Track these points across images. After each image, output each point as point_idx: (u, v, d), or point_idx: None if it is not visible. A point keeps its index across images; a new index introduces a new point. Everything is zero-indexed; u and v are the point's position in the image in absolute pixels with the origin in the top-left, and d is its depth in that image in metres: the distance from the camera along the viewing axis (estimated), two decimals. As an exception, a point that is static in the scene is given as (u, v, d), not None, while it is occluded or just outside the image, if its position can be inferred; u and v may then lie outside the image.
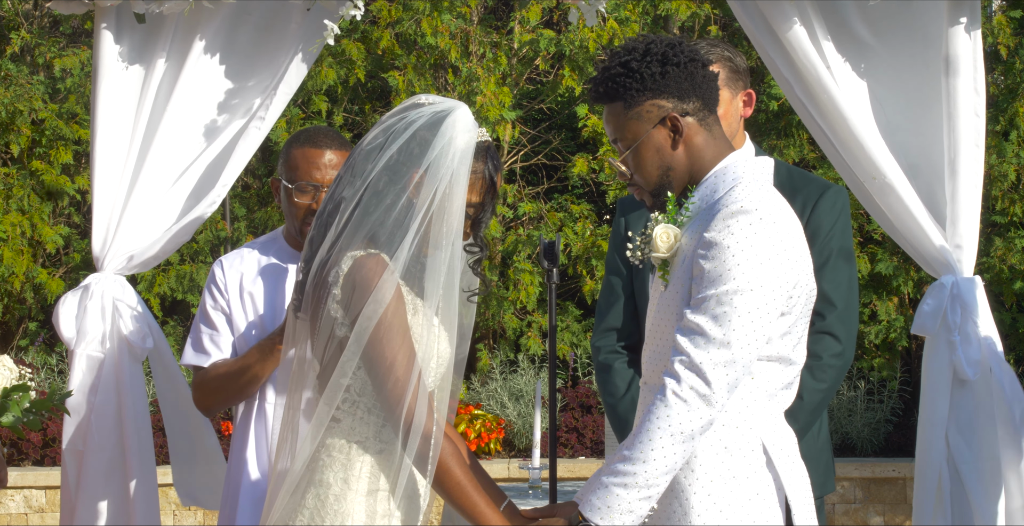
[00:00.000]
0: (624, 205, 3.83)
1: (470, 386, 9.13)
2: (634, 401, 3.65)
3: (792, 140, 9.14)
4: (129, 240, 4.28)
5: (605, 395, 3.73)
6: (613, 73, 2.88)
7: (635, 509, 2.70)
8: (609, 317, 3.76)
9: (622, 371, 3.72)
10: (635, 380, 3.71)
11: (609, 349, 3.74)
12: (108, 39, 4.28)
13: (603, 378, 3.73)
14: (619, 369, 3.72)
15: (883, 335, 8.71)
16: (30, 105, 8.98)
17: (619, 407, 3.68)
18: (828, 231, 3.59)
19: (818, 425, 3.67)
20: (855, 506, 7.88)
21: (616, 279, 3.78)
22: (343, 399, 2.78)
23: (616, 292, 3.77)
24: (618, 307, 3.76)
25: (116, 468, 4.24)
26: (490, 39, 9.34)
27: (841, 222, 3.63)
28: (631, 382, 3.70)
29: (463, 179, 2.77)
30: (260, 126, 4.29)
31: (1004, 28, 8.64)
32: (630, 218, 3.77)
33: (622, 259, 3.75)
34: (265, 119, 4.29)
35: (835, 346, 3.54)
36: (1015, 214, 8.66)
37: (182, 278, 9.12)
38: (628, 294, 3.76)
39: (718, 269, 2.71)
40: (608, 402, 3.72)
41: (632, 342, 3.74)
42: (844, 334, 3.56)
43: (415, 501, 2.83)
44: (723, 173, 2.87)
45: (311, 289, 2.81)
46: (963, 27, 4.02)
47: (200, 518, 7.94)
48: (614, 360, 3.73)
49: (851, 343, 3.59)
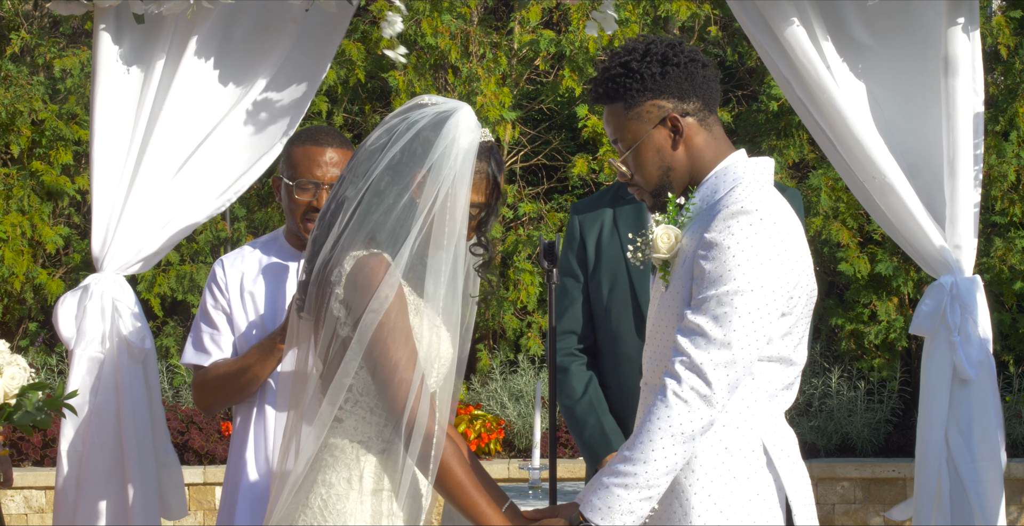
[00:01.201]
0: (578, 207, 3.84)
1: (470, 386, 9.14)
2: (591, 403, 3.67)
3: (792, 140, 9.15)
4: (129, 240, 4.28)
5: (562, 397, 3.72)
6: (613, 73, 2.89)
7: (636, 509, 2.70)
8: (565, 320, 3.75)
9: (579, 373, 3.72)
10: (592, 382, 3.71)
11: (565, 351, 3.74)
12: (107, 40, 4.28)
13: (560, 380, 3.73)
14: (575, 371, 3.72)
15: (883, 335, 8.71)
16: (30, 106, 8.98)
17: (576, 409, 3.69)
18: None
19: None
20: (855, 506, 7.88)
21: (571, 281, 3.77)
22: (346, 399, 2.78)
23: (572, 295, 3.76)
24: (574, 310, 3.76)
25: (116, 468, 4.24)
26: (490, 39, 9.34)
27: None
28: (588, 384, 3.70)
29: (466, 179, 2.78)
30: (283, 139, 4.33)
31: (1003, 28, 8.64)
32: (584, 219, 3.78)
33: (577, 261, 3.75)
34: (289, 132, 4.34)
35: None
36: (1015, 214, 8.66)
37: (182, 278, 9.13)
38: (584, 297, 3.75)
39: (719, 270, 2.71)
40: (565, 404, 3.72)
41: (588, 344, 3.74)
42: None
43: (417, 501, 2.83)
44: (723, 173, 2.87)
45: (314, 289, 2.81)
46: (962, 27, 4.03)
47: (200, 518, 7.94)
48: (570, 362, 3.73)
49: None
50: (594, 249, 3.76)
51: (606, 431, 3.65)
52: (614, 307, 3.70)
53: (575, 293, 3.76)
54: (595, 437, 3.66)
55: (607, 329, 3.71)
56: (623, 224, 3.74)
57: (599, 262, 3.74)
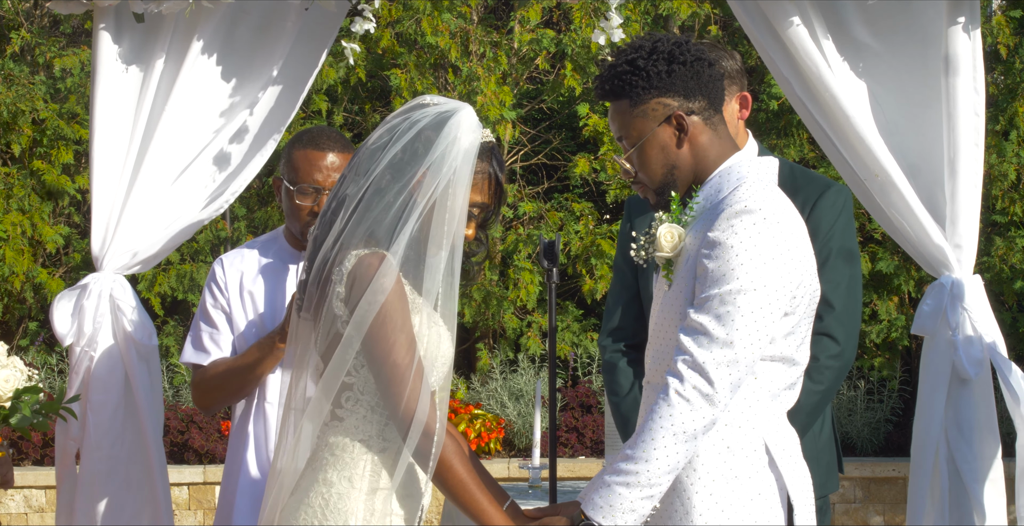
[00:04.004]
0: (632, 207, 3.84)
1: (470, 386, 9.14)
2: (636, 400, 3.66)
3: (792, 139, 9.15)
4: (128, 240, 4.27)
5: (609, 394, 3.76)
6: (619, 71, 2.88)
7: (637, 508, 2.70)
8: (615, 317, 3.79)
9: (626, 370, 3.74)
10: (639, 379, 3.72)
11: (614, 348, 3.77)
12: (107, 39, 4.28)
13: (607, 377, 3.77)
14: (623, 368, 3.74)
15: (883, 334, 8.71)
16: (32, 105, 8.98)
17: (623, 405, 3.70)
18: (828, 230, 3.58)
19: (819, 424, 3.67)
20: (855, 506, 7.89)
21: (622, 279, 3.81)
22: (346, 398, 2.78)
23: (622, 293, 3.79)
24: (623, 307, 3.79)
25: (116, 468, 4.23)
26: (490, 38, 9.34)
27: (842, 221, 3.62)
28: (635, 381, 3.72)
29: (465, 179, 2.78)
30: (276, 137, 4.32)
31: (1004, 28, 8.64)
32: (636, 222, 3.79)
33: (627, 259, 3.76)
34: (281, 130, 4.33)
35: (833, 347, 3.53)
36: (1015, 213, 8.67)
37: (183, 277, 9.13)
38: (633, 294, 3.78)
39: (722, 269, 2.71)
40: (612, 400, 3.74)
41: (636, 341, 3.75)
42: (843, 335, 3.55)
43: (416, 500, 2.83)
44: (728, 173, 2.87)
45: (314, 288, 2.82)
46: (962, 26, 4.02)
47: (200, 517, 7.94)
48: (618, 359, 3.75)
49: (851, 344, 3.58)
50: None
51: None
52: None
53: (623, 291, 3.78)
54: None
55: None
56: None
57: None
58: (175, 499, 7.87)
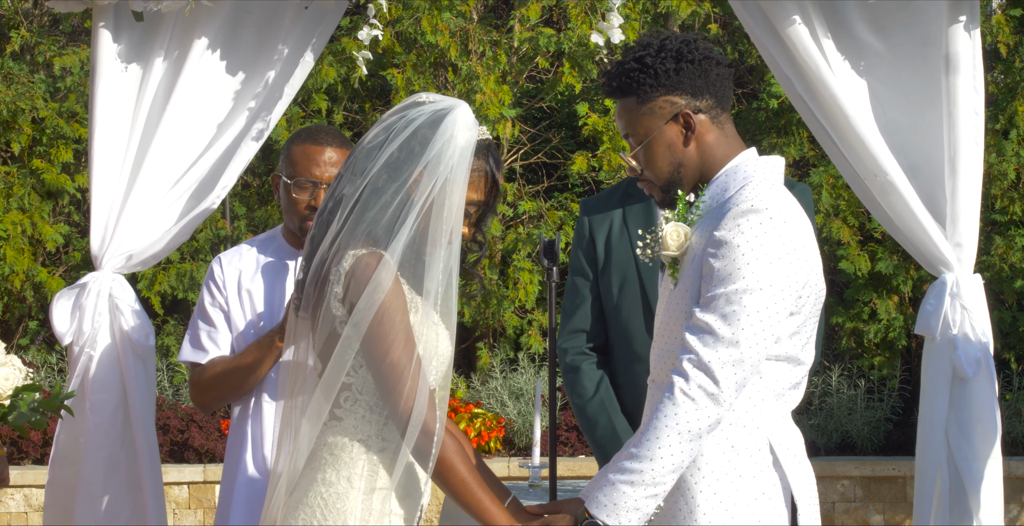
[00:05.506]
0: (587, 206, 3.82)
1: (470, 384, 9.14)
2: (602, 402, 3.66)
3: (792, 138, 9.15)
4: (128, 239, 4.27)
5: (573, 397, 3.72)
6: (627, 68, 2.88)
7: (641, 507, 2.70)
8: (576, 318, 3.75)
9: (590, 372, 3.71)
10: (603, 381, 3.70)
11: (576, 350, 3.74)
12: (106, 37, 4.28)
13: (571, 379, 3.73)
14: (587, 370, 3.72)
15: (883, 334, 8.71)
16: (31, 103, 8.98)
17: (587, 408, 3.68)
18: None
19: None
20: (855, 505, 7.89)
21: (581, 280, 3.77)
22: (345, 398, 2.78)
23: (582, 293, 3.76)
24: (584, 308, 3.76)
25: (115, 467, 4.23)
26: (490, 37, 9.34)
27: None
28: (599, 383, 3.69)
29: (462, 176, 2.78)
30: (263, 127, 4.31)
31: (1004, 27, 8.64)
32: (593, 217, 3.77)
33: (587, 259, 3.75)
34: (269, 121, 4.31)
35: None
36: (1015, 212, 8.67)
37: (182, 276, 9.12)
38: (594, 295, 3.75)
39: (728, 268, 2.71)
40: (576, 403, 3.71)
41: (599, 343, 3.74)
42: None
43: (416, 499, 2.83)
44: (734, 172, 2.87)
45: (312, 287, 2.81)
46: (963, 25, 4.03)
47: (200, 517, 7.94)
48: (582, 361, 3.73)
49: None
50: (604, 248, 3.75)
51: (617, 431, 3.64)
52: (624, 305, 3.70)
53: (585, 292, 3.75)
54: (607, 437, 3.65)
55: (618, 328, 3.71)
56: (632, 223, 3.74)
57: (608, 260, 3.74)
58: (175, 498, 7.87)
